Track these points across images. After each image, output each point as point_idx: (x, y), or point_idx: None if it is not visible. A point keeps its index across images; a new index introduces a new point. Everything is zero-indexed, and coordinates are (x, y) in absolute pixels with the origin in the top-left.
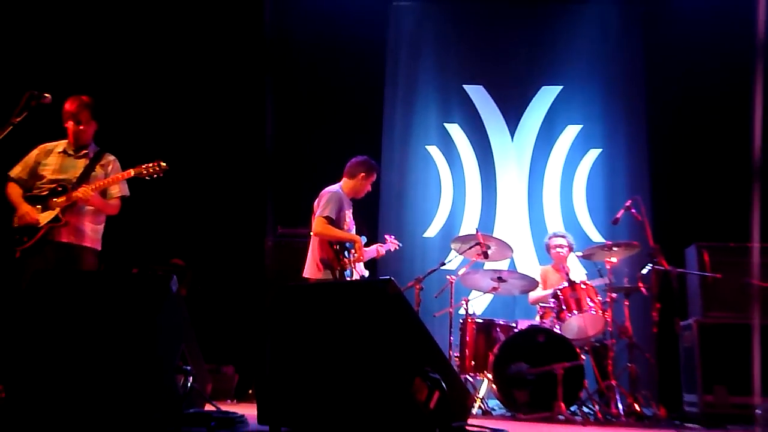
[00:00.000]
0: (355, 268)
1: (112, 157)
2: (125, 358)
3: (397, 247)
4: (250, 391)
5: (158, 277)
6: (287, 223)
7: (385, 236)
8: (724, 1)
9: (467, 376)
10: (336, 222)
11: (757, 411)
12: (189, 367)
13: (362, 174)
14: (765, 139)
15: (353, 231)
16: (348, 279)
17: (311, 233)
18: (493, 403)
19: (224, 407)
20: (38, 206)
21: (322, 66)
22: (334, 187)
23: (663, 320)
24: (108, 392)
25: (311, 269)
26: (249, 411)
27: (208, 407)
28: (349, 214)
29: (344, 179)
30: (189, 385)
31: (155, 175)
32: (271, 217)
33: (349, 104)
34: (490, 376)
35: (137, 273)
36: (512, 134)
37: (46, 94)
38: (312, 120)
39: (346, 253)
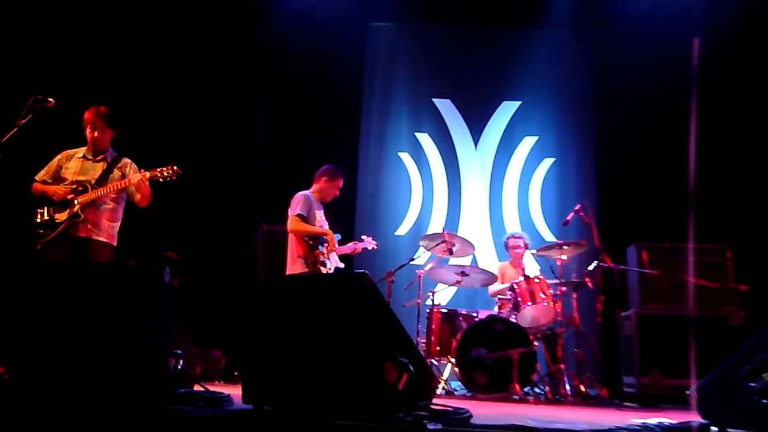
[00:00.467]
0: (329, 258)
1: (128, 161)
2: (121, 342)
3: (375, 247)
4: (236, 373)
5: (152, 268)
6: (272, 220)
7: (363, 237)
8: (664, 30)
9: (432, 360)
10: (307, 219)
11: (687, 392)
12: (179, 351)
13: (325, 178)
14: (699, 152)
15: (328, 228)
16: (323, 270)
17: (287, 230)
18: (456, 385)
19: (212, 388)
20: (59, 204)
21: (306, 79)
22: (304, 191)
23: (606, 311)
24: (105, 373)
25: (291, 266)
26: (235, 391)
27: (197, 387)
28: (319, 215)
29: (314, 185)
30: (179, 367)
31: (169, 179)
32: (258, 215)
33: (330, 114)
34: (453, 360)
35: (133, 264)
36: (476, 144)
37: (50, 99)
38: (297, 127)
39: (319, 246)
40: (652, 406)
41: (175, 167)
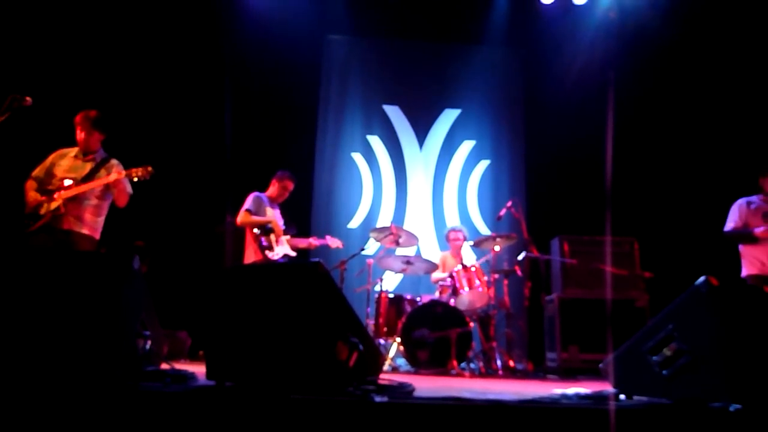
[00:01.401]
0: (277, 243)
1: (115, 162)
2: (93, 324)
3: (340, 246)
4: (201, 353)
5: (122, 256)
6: (236, 213)
7: (327, 236)
8: (585, 50)
9: (380, 340)
10: (255, 214)
11: (601, 365)
12: (148, 332)
13: (277, 181)
14: (614, 157)
15: (279, 222)
16: (270, 254)
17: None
18: (401, 362)
19: (178, 366)
20: (46, 197)
21: (269, 85)
22: (259, 192)
23: (533, 296)
24: (77, 353)
25: (247, 254)
26: (199, 369)
27: (164, 366)
28: (271, 212)
29: (270, 187)
30: (147, 347)
31: (143, 179)
32: (224, 208)
33: (290, 117)
34: (398, 339)
35: (105, 252)
36: (421, 146)
37: (27, 98)
38: (260, 129)
39: (265, 233)
40: (571, 377)
41: (149, 168)
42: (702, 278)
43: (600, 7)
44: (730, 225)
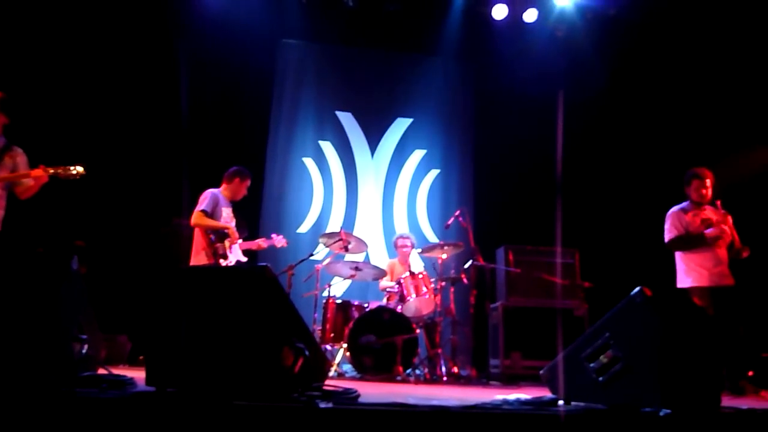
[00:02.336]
0: (230, 251)
1: (19, 150)
2: (28, 326)
3: (285, 245)
4: (141, 358)
5: (60, 255)
6: (182, 214)
7: (273, 234)
8: (533, 63)
9: (327, 346)
10: (211, 215)
11: (541, 372)
12: (85, 336)
13: (237, 179)
14: (559, 170)
15: (232, 225)
16: (224, 262)
17: (190, 224)
18: (347, 367)
19: (117, 371)
20: None
21: (222, 86)
22: (214, 189)
23: (478, 303)
24: (9, 357)
25: (195, 257)
26: (139, 375)
27: (102, 371)
28: (227, 212)
29: (223, 184)
30: (84, 351)
31: (71, 179)
32: (176, 209)
33: (241, 120)
34: (345, 345)
35: (42, 252)
36: (372, 153)
37: None
38: (210, 130)
39: (221, 240)
40: (513, 384)
41: (79, 169)
42: (637, 289)
43: (548, 25)
44: (672, 233)
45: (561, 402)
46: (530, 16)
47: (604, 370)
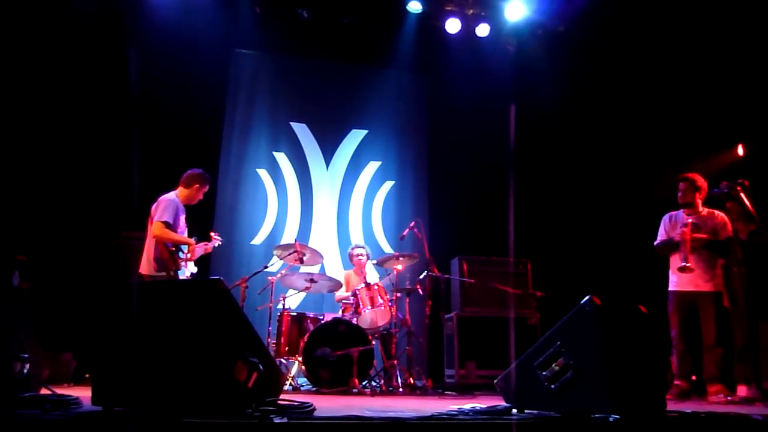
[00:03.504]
0: (186, 266)
1: None
2: None
3: (220, 243)
4: (87, 376)
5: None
6: (130, 226)
7: (210, 233)
8: (486, 76)
9: (281, 359)
10: (172, 226)
11: (495, 381)
12: (26, 355)
13: (197, 185)
14: (512, 181)
15: (185, 233)
16: (180, 276)
17: (150, 235)
18: (302, 381)
19: (61, 390)
20: None
21: (172, 96)
22: (170, 195)
23: (433, 314)
24: None
25: (146, 266)
26: (85, 393)
27: (44, 391)
28: (183, 218)
29: (180, 188)
30: (25, 371)
31: None
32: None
33: (193, 129)
34: (300, 358)
35: None
36: (327, 165)
37: None
38: (160, 140)
39: (180, 254)
40: (468, 393)
41: None
42: (586, 298)
43: (500, 40)
44: (658, 239)
45: (515, 411)
46: (483, 30)
47: (555, 378)
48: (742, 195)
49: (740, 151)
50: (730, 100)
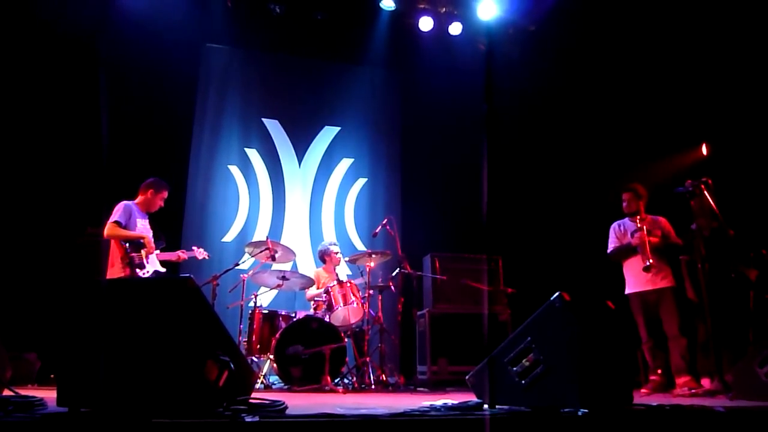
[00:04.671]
0: (147, 261)
1: None
2: None
3: (206, 257)
4: (52, 376)
5: None
6: (98, 224)
7: (193, 247)
8: (458, 74)
9: (253, 358)
10: (125, 226)
11: (467, 377)
12: None
13: (151, 191)
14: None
15: (148, 235)
16: (140, 272)
17: (104, 236)
18: (274, 379)
19: (25, 392)
20: None
21: (141, 91)
22: (128, 201)
23: (405, 311)
24: None
25: (111, 269)
26: (50, 395)
27: (7, 392)
28: (142, 223)
29: (139, 195)
30: None
31: None
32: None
33: (163, 125)
34: (271, 356)
35: None
36: (300, 162)
37: None
38: (129, 136)
39: (137, 250)
40: (440, 389)
41: None
42: (556, 294)
43: (472, 39)
44: (610, 247)
45: (486, 406)
46: (455, 29)
47: (526, 373)
48: (706, 193)
49: (704, 150)
50: (695, 101)
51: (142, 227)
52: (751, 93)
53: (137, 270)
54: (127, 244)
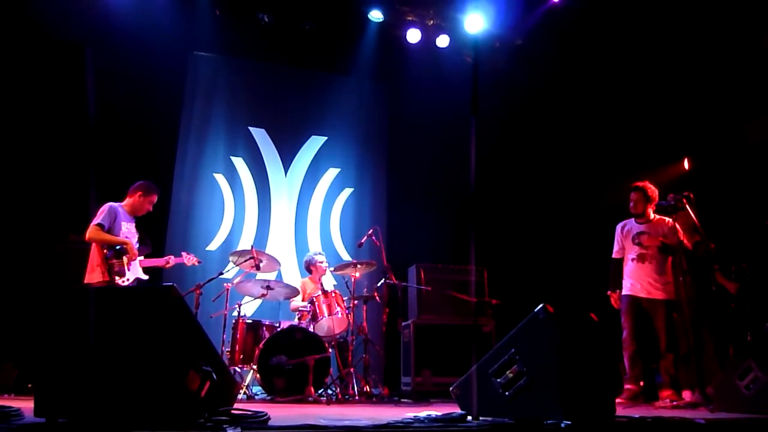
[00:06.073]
0: (128, 268)
1: None
2: None
3: (196, 264)
4: (30, 386)
5: None
6: (79, 230)
7: (183, 252)
8: (445, 86)
9: (236, 368)
10: (108, 230)
11: (451, 388)
12: None
13: (139, 193)
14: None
15: (134, 242)
16: (120, 279)
17: (85, 239)
18: (257, 389)
19: (1, 402)
20: None
21: (127, 97)
22: (114, 203)
23: (390, 321)
24: None
25: (90, 273)
26: (28, 404)
27: None
28: (127, 226)
29: (127, 198)
30: None
31: None
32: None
33: (148, 132)
34: (255, 367)
35: None
36: (286, 171)
37: None
38: (114, 142)
39: (117, 255)
40: (424, 401)
41: None
42: (540, 305)
43: (459, 51)
44: (613, 251)
45: (470, 417)
46: (443, 41)
47: (510, 384)
48: (688, 207)
49: (686, 164)
50: (677, 115)
51: (127, 231)
52: (732, 108)
53: (116, 278)
54: (107, 250)
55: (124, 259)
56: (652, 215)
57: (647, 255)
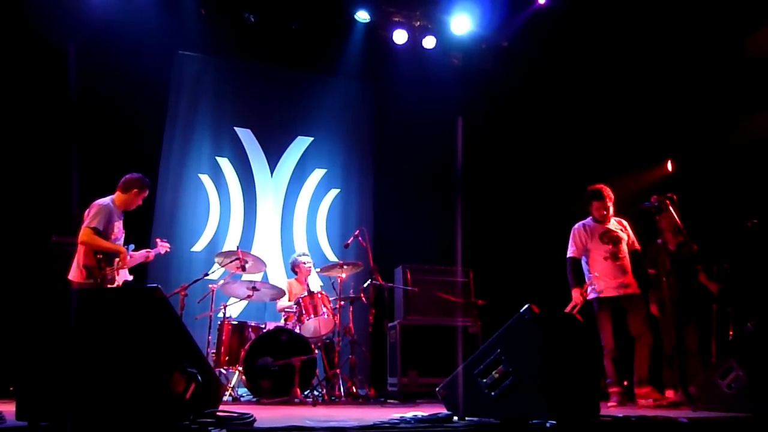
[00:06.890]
0: (117, 275)
1: None
2: None
3: (168, 249)
4: (11, 389)
5: None
6: (61, 231)
7: (156, 239)
8: (432, 86)
9: (221, 370)
10: (103, 233)
11: (437, 389)
12: None
13: (135, 190)
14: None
15: (121, 240)
16: (109, 285)
17: (78, 241)
18: (242, 391)
19: None
20: None
21: (111, 97)
22: (105, 200)
23: (376, 322)
24: None
25: (75, 273)
26: (9, 408)
27: None
28: (118, 225)
29: (117, 192)
30: None
31: None
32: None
33: (132, 132)
34: (240, 368)
35: None
36: (272, 171)
37: None
38: (96, 142)
39: (109, 262)
40: (410, 401)
41: None
42: (525, 306)
43: (446, 52)
44: (571, 250)
45: (456, 418)
46: (429, 42)
47: (495, 385)
48: (671, 208)
49: (669, 166)
50: (660, 118)
51: (118, 231)
52: (715, 111)
53: (107, 285)
54: (101, 255)
55: (116, 265)
56: (611, 215)
57: (620, 252)
